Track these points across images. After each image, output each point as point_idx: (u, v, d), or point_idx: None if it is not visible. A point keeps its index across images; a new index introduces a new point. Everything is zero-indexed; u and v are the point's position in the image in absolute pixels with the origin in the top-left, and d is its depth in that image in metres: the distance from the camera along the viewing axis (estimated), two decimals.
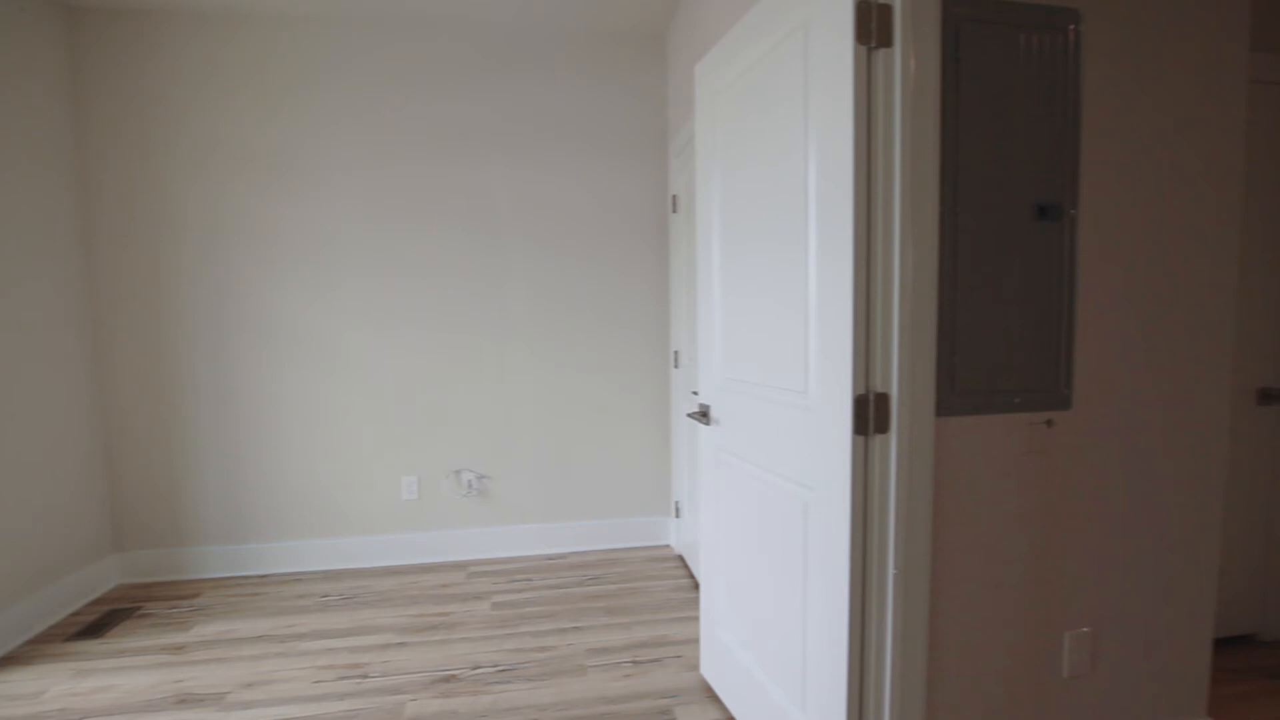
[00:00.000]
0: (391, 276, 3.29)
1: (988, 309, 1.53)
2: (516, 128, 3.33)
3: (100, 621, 2.81)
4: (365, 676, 2.34)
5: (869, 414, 1.40)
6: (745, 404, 1.87)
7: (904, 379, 1.38)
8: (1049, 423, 1.60)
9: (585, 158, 3.40)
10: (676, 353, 3.38)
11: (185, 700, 2.21)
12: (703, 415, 2.11)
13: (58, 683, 2.34)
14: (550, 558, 3.44)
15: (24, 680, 2.36)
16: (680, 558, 3.41)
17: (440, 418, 3.37)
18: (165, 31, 3.07)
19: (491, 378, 3.40)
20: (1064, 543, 1.64)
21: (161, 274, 3.14)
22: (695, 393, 2.96)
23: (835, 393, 1.44)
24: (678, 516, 3.47)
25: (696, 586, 3.03)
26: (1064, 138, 1.54)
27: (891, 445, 1.40)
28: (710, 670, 2.20)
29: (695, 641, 2.52)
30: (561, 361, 3.46)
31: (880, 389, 1.40)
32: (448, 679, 2.31)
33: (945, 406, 1.52)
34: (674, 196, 3.33)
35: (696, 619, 2.69)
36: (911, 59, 1.33)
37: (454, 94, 3.27)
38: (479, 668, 2.38)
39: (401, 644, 2.56)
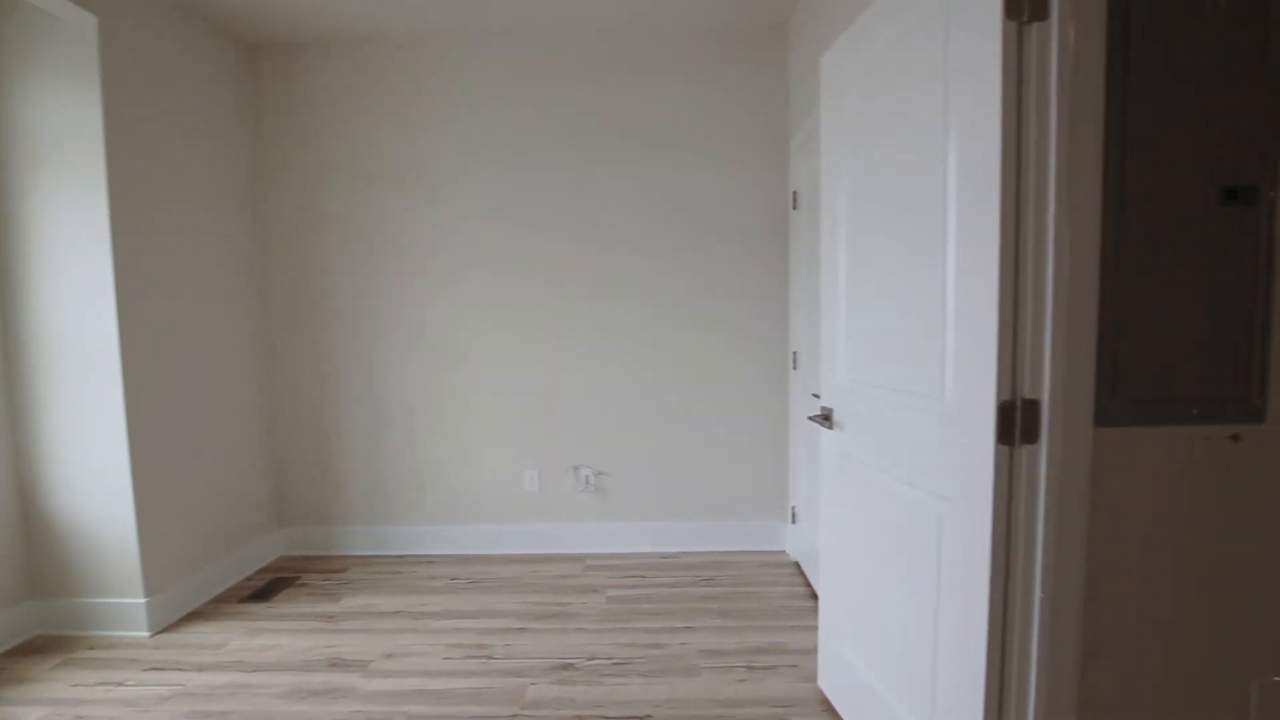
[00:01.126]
0: (514, 278, 3.45)
1: (1159, 306, 1.36)
2: (630, 128, 3.39)
3: (267, 587, 3.17)
4: (490, 657, 2.47)
5: (1015, 421, 1.29)
6: (872, 407, 1.78)
7: (1057, 384, 1.25)
8: (1235, 437, 1.39)
9: (701, 154, 3.39)
10: (795, 354, 3.29)
11: (336, 664, 2.44)
12: (824, 419, 2.04)
13: (235, 638, 2.67)
14: (663, 556, 3.47)
15: (209, 633, 2.71)
16: (796, 564, 3.32)
17: (560, 415, 3.50)
18: (325, 62, 3.41)
19: (608, 377, 3.48)
20: (1250, 576, 1.42)
21: (319, 279, 3.50)
22: (816, 395, 2.86)
23: (977, 397, 1.33)
24: (794, 522, 3.37)
25: (813, 596, 2.93)
26: (1266, 110, 1.33)
27: (1041, 457, 1.28)
28: (828, 683, 2.12)
29: (811, 652, 2.44)
30: (677, 362, 3.47)
31: (1029, 394, 1.28)
32: (566, 667, 2.39)
33: (1105, 415, 1.36)
34: (794, 193, 3.25)
35: (813, 629, 2.60)
36: (1070, 30, 1.21)
37: (568, 100, 3.38)
38: (595, 659, 2.44)
39: (523, 629, 2.68)
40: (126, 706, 2.20)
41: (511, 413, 3.51)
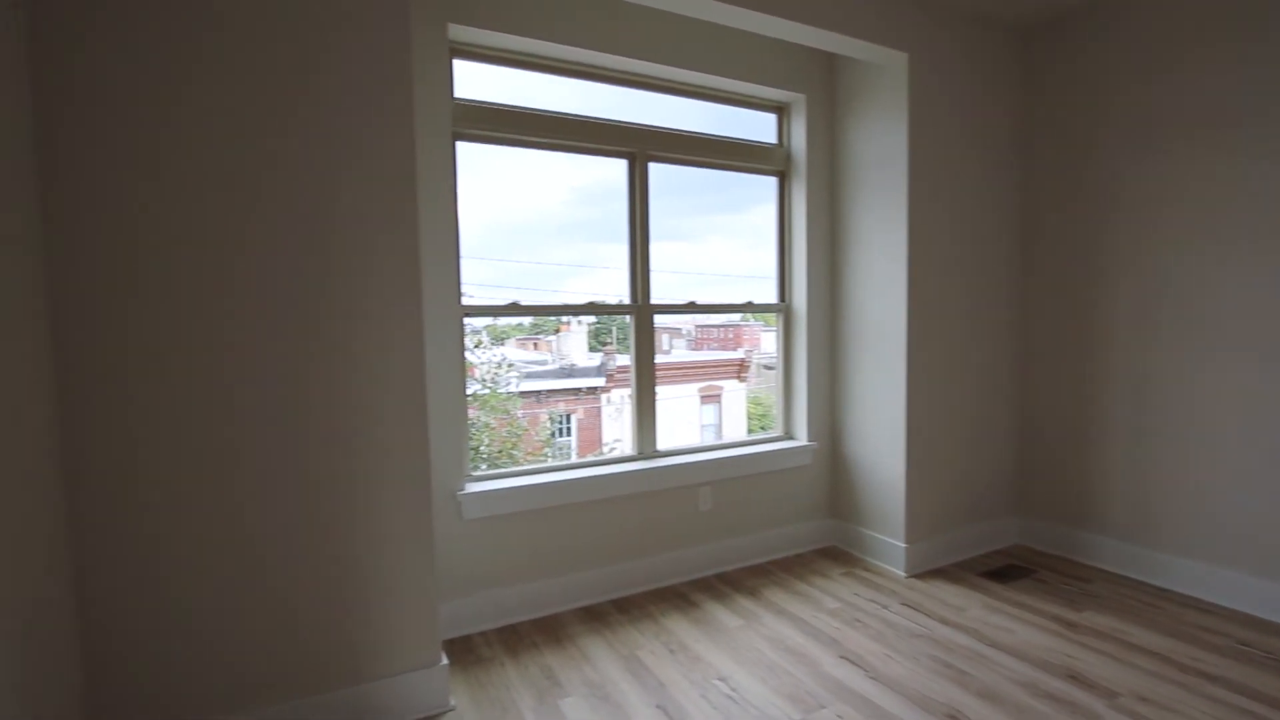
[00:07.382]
0: None
1: None
2: None
3: (1002, 570, 3.25)
4: None
5: None
6: None
7: None
8: None
9: None
10: None
11: (1075, 679, 2.29)
12: None
13: (972, 607, 2.86)
14: None
15: (951, 594, 3.00)
16: None
17: None
18: (1096, 28, 3.06)
19: None
20: None
21: (1082, 261, 3.24)
22: None
23: None
24: None
25: None
26: None
27: None
28: None
29: None
30: None
31: None
32: None
33: None
34: None
35: None
36: None
37: None
38: None
39: None
40: (888, 627, 2.69)
41: None
